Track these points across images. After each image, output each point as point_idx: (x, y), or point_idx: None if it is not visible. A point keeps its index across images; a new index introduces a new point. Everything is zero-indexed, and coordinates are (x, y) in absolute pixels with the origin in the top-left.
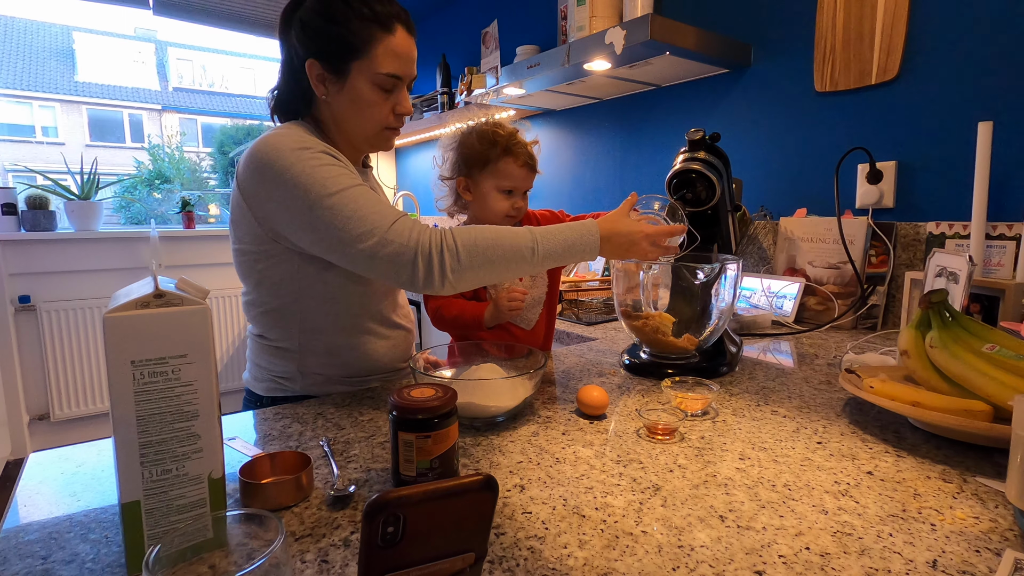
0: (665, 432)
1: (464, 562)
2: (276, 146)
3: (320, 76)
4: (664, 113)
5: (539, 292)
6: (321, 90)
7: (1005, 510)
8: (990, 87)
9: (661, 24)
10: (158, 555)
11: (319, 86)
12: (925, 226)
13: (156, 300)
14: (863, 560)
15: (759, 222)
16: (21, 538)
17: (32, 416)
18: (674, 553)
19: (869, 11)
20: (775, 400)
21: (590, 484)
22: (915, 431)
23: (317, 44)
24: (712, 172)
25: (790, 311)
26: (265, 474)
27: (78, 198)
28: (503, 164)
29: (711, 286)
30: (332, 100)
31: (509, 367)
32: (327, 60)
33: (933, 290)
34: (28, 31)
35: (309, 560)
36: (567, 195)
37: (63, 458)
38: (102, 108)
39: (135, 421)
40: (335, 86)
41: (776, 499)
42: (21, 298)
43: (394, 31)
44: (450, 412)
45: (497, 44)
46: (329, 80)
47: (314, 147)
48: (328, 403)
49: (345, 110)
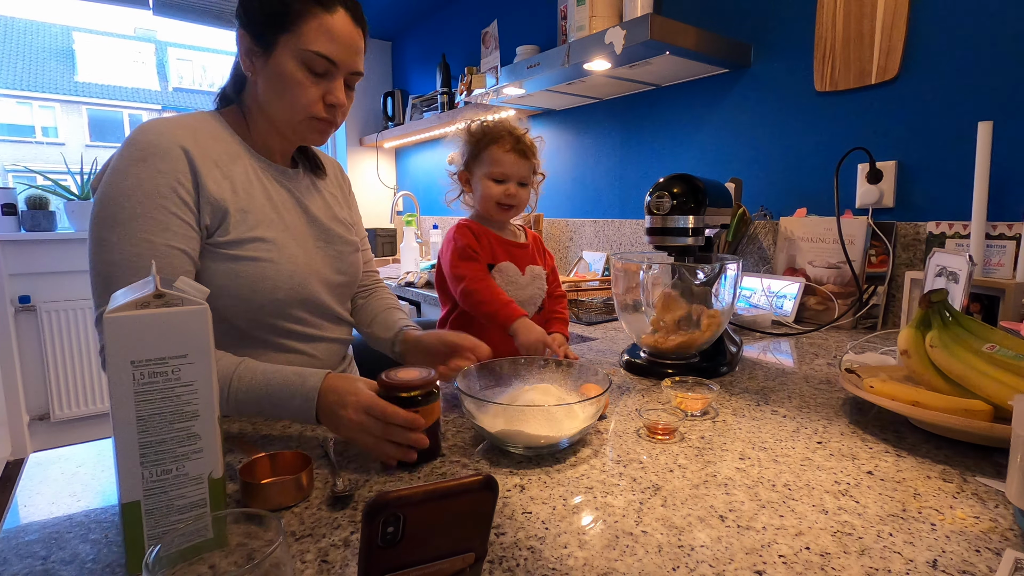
0: (665, 432)
1: (464, 562)
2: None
3: (248, 50)
4: (664, 113)
5: (533, 292)
6: (247, 64)
7: (1005, 510)
8: (990, 87)
9: (661, 24)
10: (158, 555)
11: (246, 60)
12: (925, 226)
13: (156, 300)
14: (863, 560)
15: (759, 222)
16: (21, 538)
17: (32, 416)
18: (674, 553)
19: (869, 11)
20: (775, 400)
21: (590, 484)
22: (915, 431)
23: (248, 14)
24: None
25: (790, 311)
26: (265, 474)
27: (78, 198)
28: (490, 151)
29: (711, 286)
30: (258, 78)
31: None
32: (255, 30)
33: (933, 290)
34: (28, 31)
35: (309, 560)
36: (567, 195)
37: (63, 458)
38: (102, 108)
39: (135, 421)
40: (259, 60)
41: (776, 499)
42: (21, 298)
43: (333, 11)
44: (430, 392)
45: (497, 44)
46: (255, 54)
47: (151, 161)
48: None
49: (267, 89)
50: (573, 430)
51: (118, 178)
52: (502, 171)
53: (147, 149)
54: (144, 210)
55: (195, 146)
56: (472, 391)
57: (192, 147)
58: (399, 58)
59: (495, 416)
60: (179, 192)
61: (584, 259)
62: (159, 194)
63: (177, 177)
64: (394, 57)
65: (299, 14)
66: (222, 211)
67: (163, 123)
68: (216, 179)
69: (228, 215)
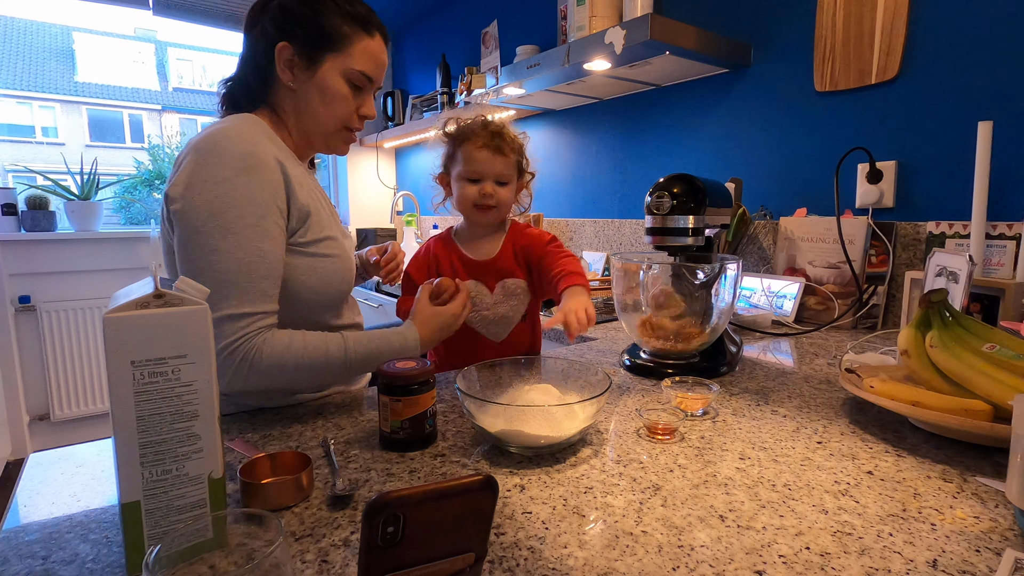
0: (665, 432)
1: (464, 562)
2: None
3: (289, 61)
4: (664, 113)
5: (506, 310)
6: (287, 76)
7: (1005, 510)
8: (990, 87)
9: (661, 24)
10: (158, 555)
11: (286, 71)
12: (925, 226)
13: (156, 300)
14: (863, 560)
15: (759, 222)
16: (21, 538)
17: (32, 416)
18: (674, 553)
19: (869, 11)
20: (775, 400)
21: (590, 484)
22: (915, 431)
23: (294, 28)
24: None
25: (790, 311)
26: (265, 474)
27: (78, 198)
28: (463, 150)
29: (711, 286)
30: (298, 88)
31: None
32: (301, 45)
33: (933, 290)
34: (28, 31)
35: (309, 560)
36: (567, 195)
37: (63, 458)
38: (102, 108)
39: (135, 421)
40: (304, 74)
41: (776, 499)
42: (21, 298)
43: (374, 36)
44: (423, 382)
45: (497, 44)
46: (298, 67)
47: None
48: (328, 403)
49: (311, 99)
50: (573, 430)
51: (227, 188)
52: (475, 169)
53: (249, 160)
54: (254, 220)
55: (280, 156)
56: (472, 391)
57: (280, 158)
58: (399, 58)
59: (495, 416)
60: (277, 202)
61: (584, 259)
62: (265, 204)
63: (276, 188)
64: (394, 57)
65: (347, 37)
66: (306, 214)
67: (246, 131)
68: (298, 185)
69: (310, 217)
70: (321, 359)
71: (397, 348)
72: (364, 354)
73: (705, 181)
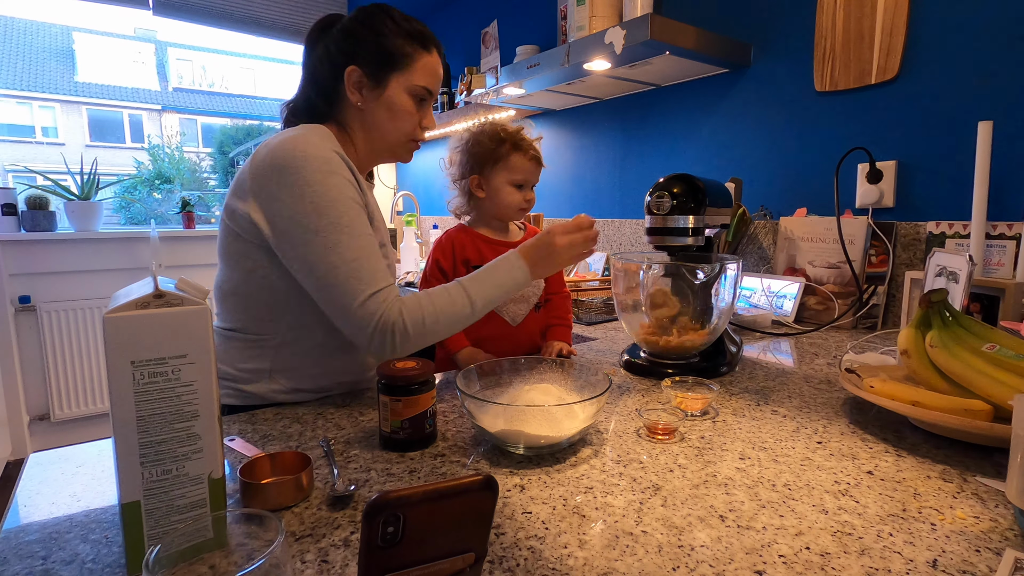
0: (665, 432)
1: (464, 562)
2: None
3: (358, 83)
4: (664, 113)
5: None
6: (356, 97)
7: (1005, 510)
8: (990, 87)
9: (661, 24)
10: (158, 555)
11: (355, 93)
12: (925, 226)
13: (156, 300)
14: (863, 560)
15: (759, 222)
16: (21, 538)
17: (32, 416)
18: (674, 553)
19: (869, 11)
20: (775, 400)
21: (590, 484)
22: (915, 431)
23: (361, 53)
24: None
25: (790, 311)
26: (265, 474)
27: (78, 198)
28: (513, 158)
29: (711, 286)
30: (367, 107)
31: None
32: (368, 67)
33: (933, 290)
34: (28, 31)
35: (309, 560)
36: (567, 195)
37: (63, 458)
38: (102, 108)
39: (135, 421)
40: (372, 93)
41: (776, 499)
42: (21, 298)
43: (431, 52)
44: (423, 382)
45: (497, 44)
46: (367, 87)
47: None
48: (328, 403)
49: (379, 116)
50: (573, 430)
51: (323, 189)
52: (524, 177)
53: (330, 163)
54: (355, 213)
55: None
56: (472, 391)
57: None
58: None
59: (495, 416)
60: (357, 199)
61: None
62: (355, 200)
63: (355, 189)
64: None
65: (409, 56)
66: (371, 219)
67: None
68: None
69: (373, 220)
70: (451, 309)
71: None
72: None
73: (705, 181)
